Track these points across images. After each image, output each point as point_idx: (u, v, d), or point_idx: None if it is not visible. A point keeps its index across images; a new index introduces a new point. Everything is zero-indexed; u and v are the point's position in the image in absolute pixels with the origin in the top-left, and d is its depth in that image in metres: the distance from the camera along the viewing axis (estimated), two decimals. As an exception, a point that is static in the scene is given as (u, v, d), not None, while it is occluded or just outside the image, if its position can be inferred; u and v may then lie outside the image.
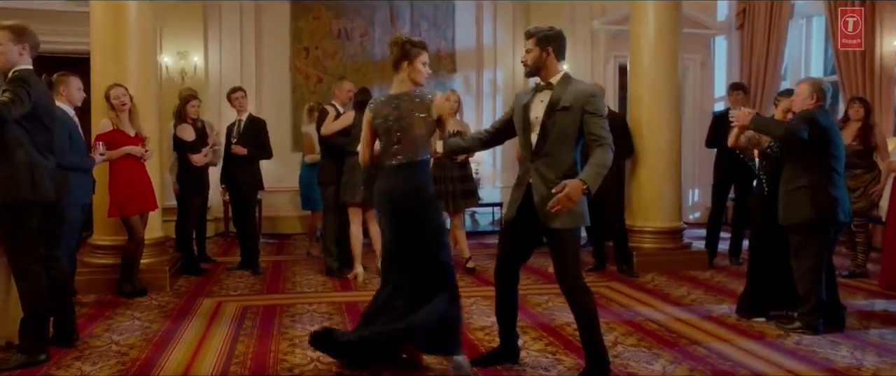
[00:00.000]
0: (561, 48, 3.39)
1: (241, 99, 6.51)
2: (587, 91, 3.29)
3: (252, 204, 6.61)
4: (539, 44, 3.34)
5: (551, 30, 3.39)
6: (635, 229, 6.63)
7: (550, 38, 3.35)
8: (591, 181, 3.12)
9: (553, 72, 3.37)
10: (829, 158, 4.26)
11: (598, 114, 3.26)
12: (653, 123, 6.53)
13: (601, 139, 3.22)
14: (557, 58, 3.38)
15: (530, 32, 3.39)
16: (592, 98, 3.27)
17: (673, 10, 6.56)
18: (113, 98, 5.23)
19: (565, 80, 3.36)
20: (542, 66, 3.36)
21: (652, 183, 6.57)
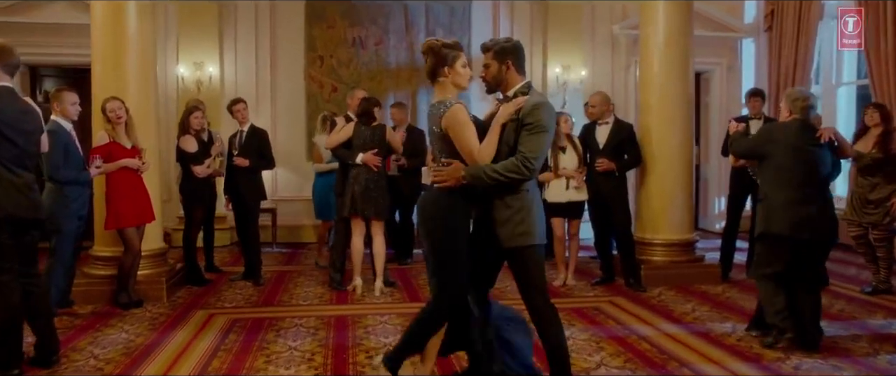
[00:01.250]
0: (520, 60, 3.27)
1: (242, 110, 6.52)
2: (531, 102, 3.14)
3: (254, 214, 6.59)
4: (497, 57, 3.23)
5: (508, 42, 3.27)
6: (644, 241, 6.41)
7: (508, 50, 3.23)
8: (469, 173, 3.09)
9: (513, 84, 3.25)
10: (772, 171, 4.24)
11: (533, 129, 3.09)
12: (662, 131, 6.30)
13: (520, 154, 3.07)
14: (517, 70, 3.25)
15: (487, 46, 3.27)
16: (534, 110, 3.10)
17: (684, 11, 6.32)
18: (109, 111, 5.27)
19: (527, 90, 3.23)
20: (501, 79, 3.24)
21: (661, 193, 6.33)
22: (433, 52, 3.21)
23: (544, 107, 3.10)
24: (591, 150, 6.28)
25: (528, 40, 9.59)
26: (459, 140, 3.13)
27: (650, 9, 6.39)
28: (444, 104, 3.17)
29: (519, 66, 3.24)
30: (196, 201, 6.32)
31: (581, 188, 6.15)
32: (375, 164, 5.76)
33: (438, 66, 3.20)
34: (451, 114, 3.13)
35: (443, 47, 3.20)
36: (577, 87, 9.30)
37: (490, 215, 3.17)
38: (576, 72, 9.36)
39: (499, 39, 3.29)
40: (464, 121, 3.13)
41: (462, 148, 3.13)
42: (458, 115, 3.13)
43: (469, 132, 3.13)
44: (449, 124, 3.14)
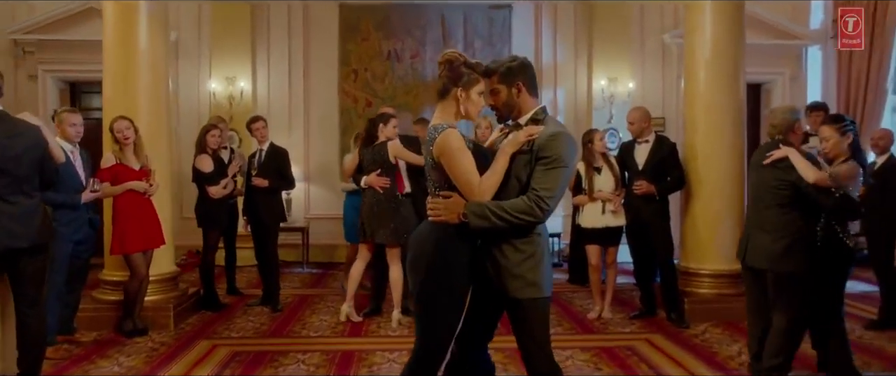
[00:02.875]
0: (531, 80, 2.81)
1: (261, 129, 6.27)
2: (548, 132, 2.69)
3: (273, 236, 6.32)
4: (504, 81, 2.78)
5: (514, 61, 2.81)
6: (689, 271, 5.83)
7: (515, 70, 2.78)
8: (470, 210, 2.65)
9: (527, 109, 2.81)
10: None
11: (550, 163, 2.64)
12: (710, 150, 5.71)
13: (533, 191, 2.63)
14: (530, 92, 2.81)
15: (490, 69, 2.82)
16: (551, 141, 2.65)
17: (733, 15, 5.74)
18: (116, 131, 5.08)
19: (542, 117, 2.80)
20: (513, 105, 2.80)
21: (708, 218, 5.74)
22: (451, 66, 2.77)
23: (563, 139, 2.65)
24: (630, 171, 5.75)
25: (572, 51, 9.13)
26: (454, 170, 2.68)
27: (695, 13, 5.84)
28: (437, 128, 2.74)
29: (531, 88, 2.80)
30: (212, 223, 6.09)
31: (618, 212, 5.64)
32: (380, 185, 5.41)
33: (452, 84, 2.77)
34: (442, 139, 2.68)
35: (464, 65, 2.77)
36: (624, 101, 8.74)
37: (494, 259, 2.72)
38: (623, 84, 8.81)
39: (502, 59, 2.84)
40: (458, 147, 2.67)
41: (457, 180, 2.69)
42: (450, 141, 2.67)
43: (465, 161, 2.67)
44: (441, 151, 2.69)
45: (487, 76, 2.83)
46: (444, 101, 2.80)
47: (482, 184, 2.66)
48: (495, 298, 2.79)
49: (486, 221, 2.62)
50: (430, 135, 2.77)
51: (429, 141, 2.77)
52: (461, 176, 2.67)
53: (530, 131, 2.69)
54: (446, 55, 2.80)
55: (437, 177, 2.78)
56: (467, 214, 2.64)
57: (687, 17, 6.00)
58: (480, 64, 2.83)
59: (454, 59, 2.78)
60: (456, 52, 2.82)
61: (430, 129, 2.78)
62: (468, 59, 2.81)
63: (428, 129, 2.82)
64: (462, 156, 2.67)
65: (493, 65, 2.82)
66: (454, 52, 2.81)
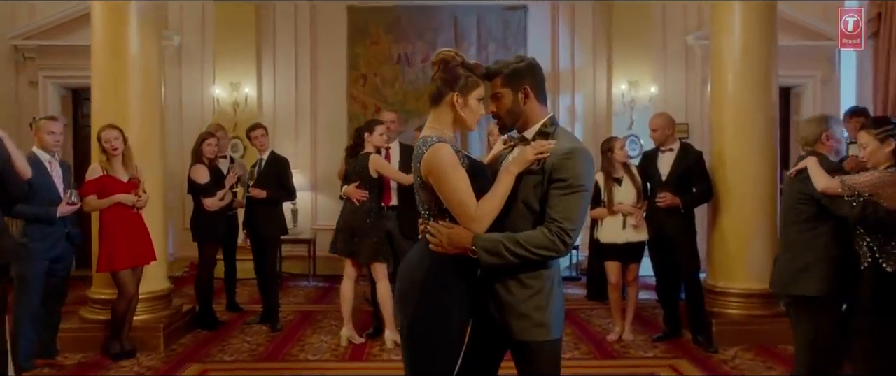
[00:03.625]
0: (539, 85, 2.43)
1: (260, 137, 5.94)
2: (562, 148, 2.29)
3: (272, 250, 6.01)
4: (509, 84, 2.38)
5: (521, 61, 2.42)
6: (717, 290, 5.40)
7: (522, 72, 2.39)
8: (481, 246, 2.24)
9: (535, 119, 2.41)
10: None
11: (567, 187, 2.25)
12: (739, 159, 5.29)
13: (553, 222, 2.24)
14: (539, 99, 2.42)
15: (492, 70, 2.42)
16: (567, 161, 2.26)
17: (766, 14, 5.32)
18: (104, 141, 4.77)
19: (551, 129, 2.40)
20: (519, 113, 2.40)
21: (738, 233, 5.31)
22: (446, 67, 2.37)
23: (580, 157, 2.26)
24: (653, 182, 5.34)
25: (590, 54, 8.72)
26: (445, 192, 2.28)
27: (724, 12, 5.42)
28: (426, 141, 2.35)
29: (539, 94, 2.41)
30: (208, 237, 5.76)
31: (640, 227, 5.23)
32: (357, 198, 5.07)
33: (447, 88, 2.36)
34: (431, 155, 2.28)
35: (461, 66, 2.37)
36: (645, 106, 8.31)
37: (496, 294, 2.34)
38: (645, 88, 8.38)
39: (506, 59, 2.44)
40: (449, 165, 2.26)
41: (450, 203, 2.28)
42: (440, 157, 2.27)
43: (458, 181, 2.26)
44: (429, 169, 2.29)
45: (489, 79, 2.44)
46: (438, 109, 2.40)
47: (480, 208, 2.27)
48: (497, 336, 2.41)
49: (500, 259, 2.23)
50: (417, 149, 2.38)
51: (416, 156, 2.39)
52: (454, 199, 2.28)
53: (541, 148, 2.30)
54: (441, 54, 2.42)
55: (427, 198, 2.40)
56: (477, 251, 2.24)
57: (714, 16, 5.59)
58: (480, 65, 2.44)
59: (450, 59, 2.39)
60: (452, 51, 2.43)
61: (419, 143, 2.39)
62: (466, 59, 2.42)
63: (416, 142, 2.44)
64: (455, 176, 2.27)
65: (496, 66, 2.43)
66: (450, 51, 2.42)
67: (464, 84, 2.37)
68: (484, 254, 2.23)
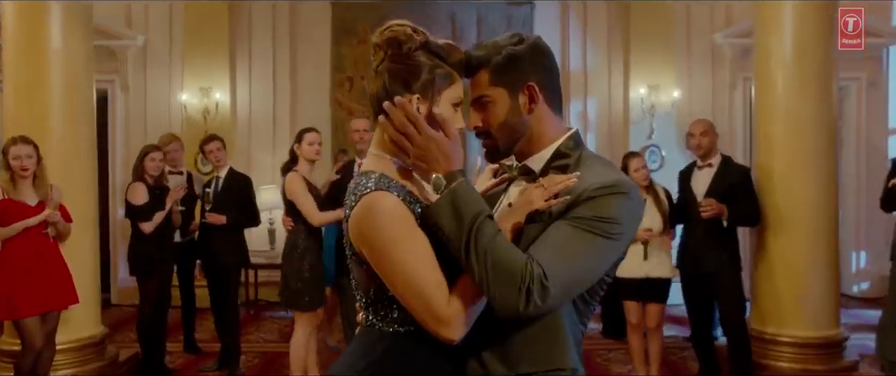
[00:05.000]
0: (551, 78, 1.52)
1: (216, 152, 5.02)
2: (598, 179, 1.39)
3: (232, 284, 5.07)
4: (502, 80, 1.48)
5: (518, 42, 1.50)
6: (765, 338, 4.49)
7: (522, 59, 1.48)
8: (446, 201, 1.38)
9: (546, 137, 1.51)
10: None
11: (582, 221, 1.36)
12: (791, 177, 4.39)
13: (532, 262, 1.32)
14: (551, 103, 1.51)
15: (474, 59, 1.50)
16: (604, 197, 1.37)
17: (823, 8, 4.44)
18: (12, 158, 3.86)
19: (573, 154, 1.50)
20: (520, 129, 1.50)
21: (791, 267, 4.39)
22: (398, 52, 1.46)
23: (623, 196, 1.39)
24: (687, 203, 4.39)
25: (604, 56, 7.80)
26: (391, 276, 1.38)
27: (771, 10, 4.50)
28: (360, 186, 1.43)
29: (552, 95, 1.52)
30: (149, 271, 4.80)
31: (664, 260, 4.27)
32: (286, 227, 4.34)
33: (399, 86, 1.45)
34: (364, 216, 1.39)
35: (423, 49, 1.46)
36: (667, 113, 7.38)
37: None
38: (666, 92, 7.43)
39: (499, 40, 1.52)
40: (396, 230, 1.37)
41: (402, 293, 1.38)
42: (379, 218, 1.37)
43: (411, 257, 1.36)
44: (362, 237, 1.40)
45: (469, 73, 1.52)
46: (382, 124, 1.48)
47: (453, 304, 1.36)
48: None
49: (455, 228, 1.34)
50: (348, 196, 1.46)
51: (346, 206, 1.46)
52: (408, 288, 1.37)
53: (555, 188, 1.40)
54: (389, 31, 1.49)
55: (363, 278, 1.47)
56: (442, 194, 1.38)
57: (759, 10, 4.66)
58: (455, 47, 1.52)
59: (404, 38, 1.46)
60: (407, 24, 1.49)
61: (351, 186, 1.47)
62: (432, 37, 1.50)
63: (350, 186, 1.49)
64: (405, 248, 1.36)
65: (481, 51, 1.51)
66: (403, 26, 1.48)
67: (428, 79, 1.45)
68: (441, 209, 1.36)
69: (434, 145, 1.40)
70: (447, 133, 1.43)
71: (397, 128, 1.41)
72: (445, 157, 1.39)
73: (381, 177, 1.42)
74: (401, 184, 1.43)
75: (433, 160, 1.39)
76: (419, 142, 1.40)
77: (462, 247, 1.33)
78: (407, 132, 1.41)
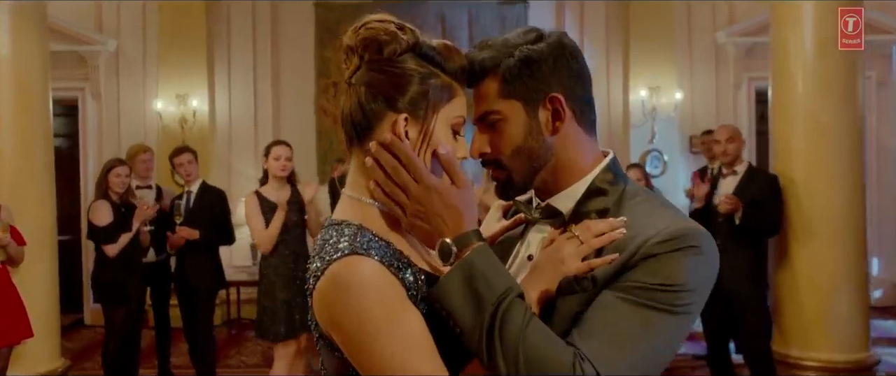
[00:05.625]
0: (580, 87, 1.14)
1: (187, 165, 4.62)
2: (656, 234, 1.02)
3: (206, 308, 4.67)
4: (516, 92, 1.11)
5: (537, 39, 1.12)
6: (788, 361, 4.10)
7: (543, 60, 1.10)
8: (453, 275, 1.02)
9: (577, 166, 1.15)
10: None
11: (640, 293, 0.99)
12: (813, 186, 4.03)
13: (577, 357, 0.95)
14: (581, 120, 1.15)
15: (481, 63, 1.12)
16: (666, 254, 1.00)
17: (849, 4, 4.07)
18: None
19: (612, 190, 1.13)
20: (542, 156, 1.13)
21: (816, 283, 4.02)
22: (376, 57, 1.09)
23: (692, 250, 1.02)
24: (709, 214, 4.07)
25: (603, 57, 7.46)
26: (371, 371, 0.99)
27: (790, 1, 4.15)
28: (326, 248, 1.04)
29: (583, 109, 1.15)
30: (115, 298, 4.38)
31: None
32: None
33: (382, 103, 1.07)
34: (333, 291, 0.99)
35: (412, 51, 1.09)
36: (669, 116, 7.04)
37: None
38: (668, 94, 7.09)
39: (511, 37, 1.14)
40: (380, 311, 0.97)
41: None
42: (355, 295, 0.98)
43: (399, 345, 0.97)
44: (332, 318, 1.01)
45: (473, 82, 1.14)
46: (357, 155, 1.12)
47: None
48: None
49: (472, 315, 0.98)
50: (312, 261, 1.07)
51: (310, 272, 1.06)
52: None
53: (599, 239, 1.05)
54: (366, 29, 1.10)
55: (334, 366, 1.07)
56: (451, 268, 1.02)
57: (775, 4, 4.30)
58: (455, 50, 1.12)
59: (385, 39, 1.07)
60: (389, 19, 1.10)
61: (317, 246, 1.08)
62: (424, 36, 1.11)
63: (317, 241, 1.10)
64: (392, 333, 0.98)
65: (487, 52, 1.13)
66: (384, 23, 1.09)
67: (419, 93, 1.07)
68: (449, 285, 1.00)
69: (438, 199, 1.03)
70: (455, 179, 1.06)
71: (387, 174, 1.05)
72: (454, 215, 1.03)
73: (359, 231, 1.04)
74: (385, 240, 1.05)
75: (437, 219, 1.03)
76: (418, 194, 1.04)
77: (482, 341, 0.96)
78: (401, 181, 1.04)
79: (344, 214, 1.09)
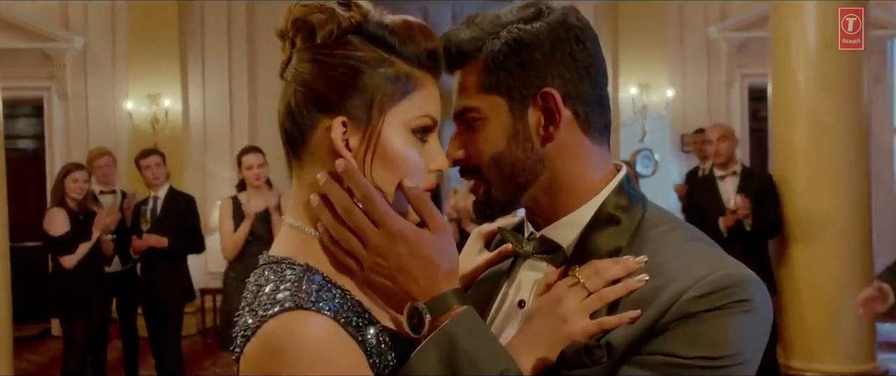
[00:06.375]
0: (592, 84, 0.87)
1: (154, 168, 4.35)
2: (694, 284, 0.75)
3: (174, 320, 4.40)
4: (502, 85, 0.85)
5: (535, 17, 0.86)
6: (791, 373, 3.90)
7: (538, 47, 0.84)
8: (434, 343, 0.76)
9: (582, 185, 0.88)
10: None
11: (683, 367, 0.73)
12: (816, 189, 3.87)
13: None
14: (588, 128, 0.87)
15: (460, 46, 0.87)
16: (709, 313, 0.74)
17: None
18: None
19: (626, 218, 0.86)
20: (534, 169, 0.86)
21: (820, 292, 3.86)
22: (309, 43, 0.86)
23: (742, 297, 0.76)
24: (710, 215, 3.86)
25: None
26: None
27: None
28: (269, 292, 0.76)
29: (587, 111, 0.87)
30: (74, 312, 4.10)
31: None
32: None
33: (311, 105, 0.84)
34: (266, 355, 0.72)
35: (353, 32, 0.83)
36: (660, 114, 6.84)
37: None
38: (659, 92, 6.89)
39: (502, 13, 0.88)
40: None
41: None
42: (298, 361, 0.71)
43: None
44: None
45: (452, 67, 0.90)
46: (304, 169, 0.86)
47: None
48: None
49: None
50: (242, 314, 0.79)
51: (237, 328, 0.79)
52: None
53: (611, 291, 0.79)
54: (299, 7, 0.86)
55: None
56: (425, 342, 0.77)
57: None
58: (421, 28, 0.86)
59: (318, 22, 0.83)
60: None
61: (249, 294, 0.81)
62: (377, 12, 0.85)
63: (247, 289, 0.83)
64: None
65: (468, 31, 0.89)
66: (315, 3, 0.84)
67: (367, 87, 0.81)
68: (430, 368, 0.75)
69: (405, 248, 0.78)
70: (428, 220, 0.80)
71: (339, 216, 0.79)
72: (427, 270, 0.78)
73: (305, 275, 0.78)
74: (340, 287, 0.79)
75: (405, 276, 0.78)
76: (378, 243, 0.78)
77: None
78: (355, 225, 0.79)
79: (285, 249, 0.83)
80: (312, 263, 0.80)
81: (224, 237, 3.81)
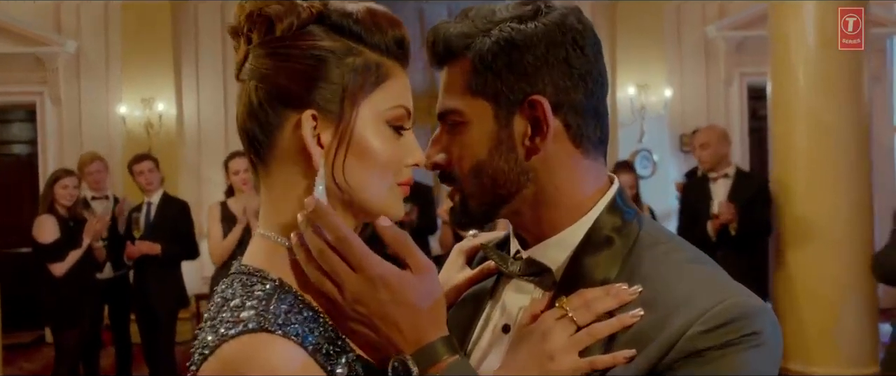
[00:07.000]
0: (587, 92, 0.80)
1: (147, 173, 4.31)
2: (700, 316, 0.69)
3: (167, 329, 4.35)
4: (487, 89, 0.79)
5: (532, 16, 0.79)
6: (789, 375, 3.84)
7: (525, 46, 0.78)
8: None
9: (571, 201, 0.81)
10: None
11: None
12: (816, 187, 3.81)
13: None
14: (579, 140, 0.81)
15: (447, 41, 0.82)
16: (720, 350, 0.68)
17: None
18: None
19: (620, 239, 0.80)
20: (517, 181, 0.80)
21: (820, 295, 3.79)
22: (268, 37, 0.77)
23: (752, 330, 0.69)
24: (701, 216, 3.82)
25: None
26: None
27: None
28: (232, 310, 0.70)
29: (579, 122, 0.81)
30: (64, 320, 4.06)
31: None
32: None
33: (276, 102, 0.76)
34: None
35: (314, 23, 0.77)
36: (658, 114, 6.79)
37: None
38: (657, 92, 6.83)
39: (494, 8, 0.82)
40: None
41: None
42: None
43: None
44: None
45: (440, 62, 0.84)
46: (271, 175, 0.78)
47: None
48: None
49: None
50: (201, 334, 0.72)
51: (194, 353, 0.72)
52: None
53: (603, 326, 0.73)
54: (251, 1, 0.77)
55: None
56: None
57: (774, 2, 4.06)
58: (387, 17, 0.81)
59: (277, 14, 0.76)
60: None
61: (212, 308, 0.74)
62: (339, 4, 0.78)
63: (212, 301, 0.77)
64: None
65: (458, 26, 0.83)
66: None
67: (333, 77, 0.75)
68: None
69: (387, 295, 0.71)
70: (411, 262, 0.73)
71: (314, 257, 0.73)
72: (412, 318, 0.71)
73: (276, 293, 0.72)
74: (314, 308, 0.74)
75: (387, 325, 0.71)
76: (356, 291, 0.72)
77: None
78: (331, 269, 0.72)
79: (257, 259, 0.77)
80: (285, 278, 0.74)
81: (212, 243, 3.79)
